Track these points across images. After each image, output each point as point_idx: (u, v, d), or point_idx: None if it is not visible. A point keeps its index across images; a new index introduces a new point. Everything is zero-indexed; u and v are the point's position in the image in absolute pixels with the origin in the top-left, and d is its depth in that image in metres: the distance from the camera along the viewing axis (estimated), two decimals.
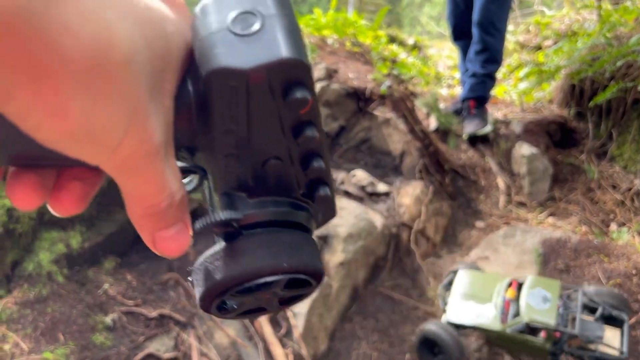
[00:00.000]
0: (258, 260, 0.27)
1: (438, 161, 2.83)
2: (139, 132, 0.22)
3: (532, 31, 5.16)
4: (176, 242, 0.26)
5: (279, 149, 0.27)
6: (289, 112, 0.25)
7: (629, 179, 2.80)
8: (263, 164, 0.27)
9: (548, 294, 1.77)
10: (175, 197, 0.25)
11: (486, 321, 1.84)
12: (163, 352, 1.69)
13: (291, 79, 0.24)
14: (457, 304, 1.93)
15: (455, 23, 3.08)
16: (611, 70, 2.81)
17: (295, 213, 0.29)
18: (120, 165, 0.23)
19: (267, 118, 0.25)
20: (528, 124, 3.04)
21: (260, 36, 0.24)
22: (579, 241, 2.38)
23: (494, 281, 1.95)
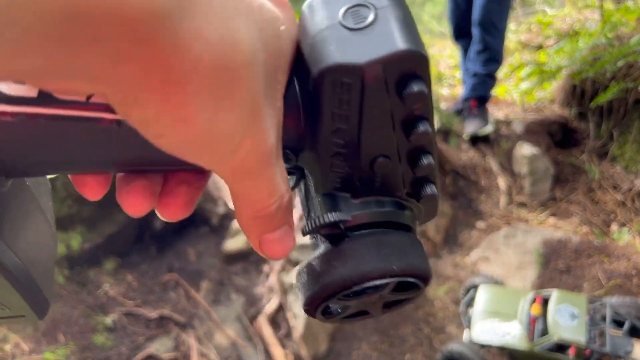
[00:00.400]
0: (367, 263, 0.26)
1: (439, 161, 2.83)
2: (256, 135, 0.22)
3: (533, 30, 5.15)
4: (282, 245, 0.26)
5: (388, 146, 0.26)
6: (403, 107, 0.24)
7: (629, 179, 2.79)
8: (371, 163, 0.26)
9: (575, 309, 1.72)
10: (284, 200, 0.25)
11: (513, 340, 1.78)
12: (163, 353, 1.69)
13: (408, 72, 0.23)
14: (481, 322, 1.87)
15: (456, 22, 3.08)
16: (612, 71, 2.80)
17: (400, 213, 0.28)
18: (235, 169, 0.22)
19: (380, 115, 0.24)
20: (529, 124, 3.04)
21: (374, 28, 0.23)
22: (579, 242, 2.38)
23: (517, 296, 1.89)
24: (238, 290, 1.97)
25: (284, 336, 1.87)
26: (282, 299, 1.93)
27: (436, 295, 2.26)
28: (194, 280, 1.98)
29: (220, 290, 1.97)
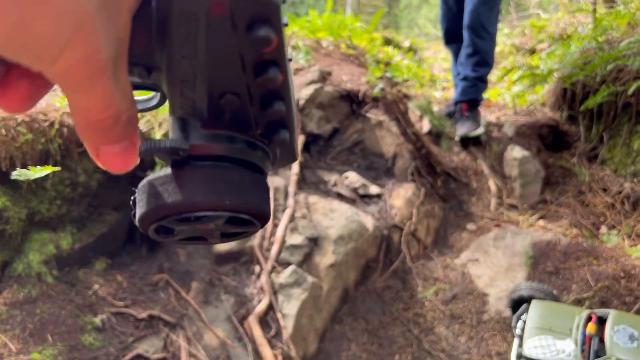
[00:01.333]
0: (200, 194, 0.26)
1: (430, 163, 2.84)
2: (83, 47, 0.21)
3: (527, 34, 5.18)
4: (120, 159, 0.26)
5: (237, 85, 0.26)
6: (252, 49, 0.24)
7: (619, 182, 2.81)
8: (219, 97, 0.26)
9: (635, 332, 1.69)
10: (123, 115, 0.25)
11: (566, 358, 1.76)
12: (152, 353, 1.69)
13: (256, 16, 0.23)
14: (534, 338, 1.84)
15: (448, 26, 3.10)
16: (602, 74, 2.83)
17: (248, 151, 0.28)
18: (62, 76, 0.22)
19: (227, 52, 0.25)
20: (520, 127, 3.06)
21: None
22: (568, 244, 2.40)
23: (572, 314, 1.86)
24: (228, 291, 1.98)
25: (273, 337, 1.88)
26: (272, 300, 1.94)
27: (426, 296, 2.27)
28: (184, 280, 1.98)
29: (210, 290, 1.98)
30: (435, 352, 2.09)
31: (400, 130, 2.88)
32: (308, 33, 3.47)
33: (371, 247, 2.37)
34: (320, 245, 2.21)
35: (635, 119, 2.79)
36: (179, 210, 0.27)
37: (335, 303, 2.16)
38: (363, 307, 2.21)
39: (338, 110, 2.95)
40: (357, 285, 2.29)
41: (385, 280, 2.33)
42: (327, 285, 2.11)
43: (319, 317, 2.05)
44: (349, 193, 2.64)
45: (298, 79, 2.93)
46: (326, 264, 2.14)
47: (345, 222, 2.30)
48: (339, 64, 3.24)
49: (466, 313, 2.21)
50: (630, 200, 2.75)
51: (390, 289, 2.31)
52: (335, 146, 2.95)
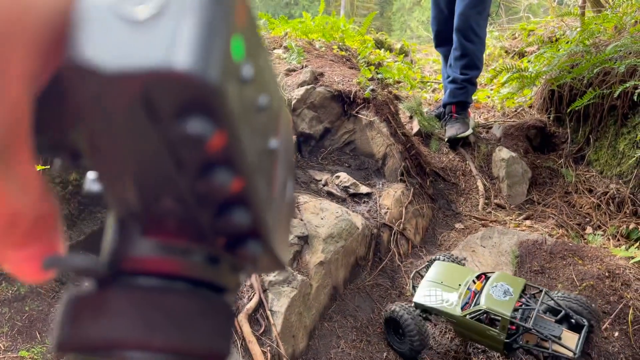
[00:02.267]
0: (123, 327, 0.20)
1: (419, 164, 2.88)
2: None
3: (517, 37, 5.24)
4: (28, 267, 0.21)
5: (174, 188, 0.19)
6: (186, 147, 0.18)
7: (605, 183, 2.86)
8: (155, 200, 0.20)
9: (510, 288, 1.84)
10: (24, 214, 0.20)
11: (449, 307, 1.92)
12: None
13: (188, 102, 0.17)
14: (425, 289, 2.02)
15: (438, 29, 3.14)
16: (589, 77, 2.87)
17: (208, 268, 0.22)
18: None
19: (147, 145, 0.18)
20: (508, 129, 3.10)
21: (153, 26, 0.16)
22: (554, 243, 2.44)
23: (465, 274, 2.03)
24: None
25: (262, 334, 1.89)
26: (261, 297, 1.96)
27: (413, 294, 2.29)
28: None
29: None
30: (423, 349, 2.11)
31: (391, 131, 2.91)
32: (301, 34, 3.49)
33: (361, 246, 2.40)
34: (311, 244, 2.23)
35: (621, 121, 2.84)
36: (96, 346, 0.20)
37: (325, 301, 2.18)
38: (352, 304, 2.24)
39: (329, 110, 2.98)
40: (347, 283, 2.32)
41: (374, 279, 2.36)
42: (316, 283, 2.13)
43: (308, 314, 2.07)
44: (340, 192, 2.66)
45: (290, 80, 2.95)
46: (316, 262, 2.17)
47: (335, 221, 2.32)
48: (331, 65, 3.27)
49: None
50: (615, 201, 2.79)
51: (379, 287, 2.34)
52: (327, 146, 2.97)
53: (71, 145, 0.21)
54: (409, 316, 1.94)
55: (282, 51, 3.27)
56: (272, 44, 3.38)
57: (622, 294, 2.23)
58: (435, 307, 1.94)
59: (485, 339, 1.84)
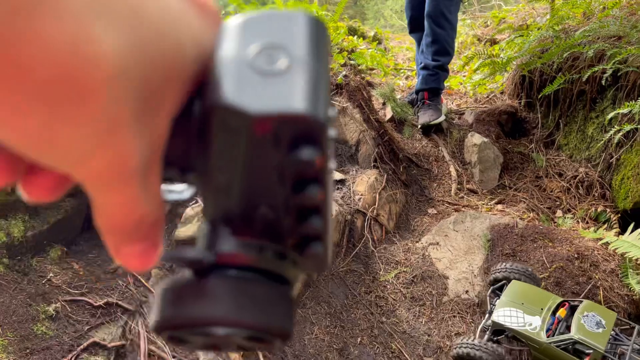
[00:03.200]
0: (219, 309, 0.25)
1: (393, 150, 2.87)
2: (113, 152, 0.20)
3: (489, 25, 5.27)
4: (140, 259, 0.25)
5: (272, 198, 0.25)
6: (292, 168, 0.23)
7: (574, 167, 2.90)
8: (254, 208, 0.25)
9: (603, 320, 1.75)
10: (147, 219, 0.24)
11: (532, 330, 1.82)
12: (109, 341, 1.66)
13: (301, 136, 0.22)
14: (505, 309, 1.91)
15: (412, 15, 3.12)
16: (558, 62, 2.90)
17: (277, 263, 0.27)
18: (88, 179, 0.21)
19: (265, 167, 0.24)
20: (480, 114, 3.12)
21: (281, 80, 0.22)
22: (525, 227, 2.46)
23: (546, 298, 1.93)
24: None
25: None
26: None
27: (387, 280, 2.30)
28: None
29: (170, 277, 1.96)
30: (397, 333, 2.12)
31: (364, 117, 2.89)
32: None
33: (334, 232, 2.38)
34: None
35: (590, 105, 2.88)
36: (196, 323, 0.25)
37: (298, 288, 2.16)
38: (326, 291, 2.23)
39: None
40: None
41: (348, 264, 2.35)
42: None
43: None
44: None
45: None
46: None
47: None
48: None
49: (426, 295, 2.25)
50: (584, 184, 2.84)
51: (353, 272, 2.33)
52: None
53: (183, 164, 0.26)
54: (486, 356, 1.81)
55: None
56: None
57: (591, 274, 2.27)
58: (517, 330, 1.83)
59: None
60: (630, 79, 2.59)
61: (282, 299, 0.27)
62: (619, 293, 2.24)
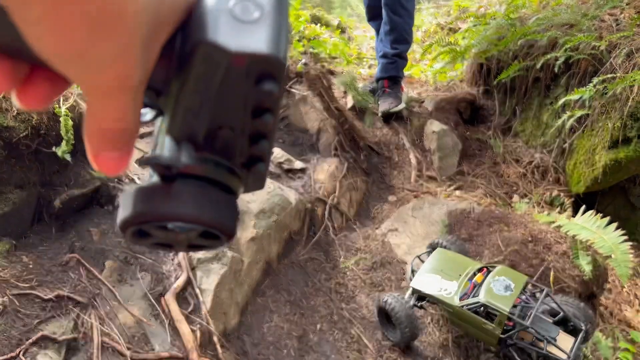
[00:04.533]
0: (184, 206, 0.30)
1: (353, 138, 2.88)
2: (124, 67, 0.25)
3: (452, 14, 5.32)
4: (115, 164, 0.30)
5: (235, 121, 0.30)
6: (255, 97, 0.29)
7: (530, 153, 2.97)
8: (217, 128, 0.30)
9: (512, 284, 1.79)
10: (130, 128, 0.29)
11: (447, 295, 1.86)
12: (60, 335, 1.63)
13: (266, 72, 0.28)
14: (424, 275, 1.96)
15: (369, 3, 3.13)
16: (514, 50, 2.95)
17: (228, 177, 0.32)
18: (97, 87, 0.26)
19: (235, 95, 0.29)
20: (440, 102, 3.15)
21: (254, 26, 0.27)
22: (481, 212, 2.51)
23: (467, 264, 1.98)
24: (144, 269, 1.93)
25: (191, 312, 1.85)
26: (190, 275, 1.91)
27: (347, 266, 2.31)
28: (98, 260, 1.91)
29: (125, 269, 1.92)
30: (356, 319, 2.14)
31: (324, 106, 2.89)
32: None
33: (294, 221, 2.38)
34: (242, 220, 2.19)
35: (544, 92, 2.94)
36: (164, 217, 0.30)
37: (257, 276, 2.16)
38: (286, 279, 2.23)
39: None
40: (281, 258, 2.30)
41: (308, 252, 2.36)
42: (248, 259, 2.10)
43: (240, 290, 2.04)
44: (274, 168, 2.63)
45: None
46: (247, 237, 2.13)
47: (267, 196, 2.29)
48: None
49: (386, 281, 2.27)
50: (539, 170, 2.91)
51: (313, 260, 2.34)
52: None
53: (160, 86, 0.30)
54: (400, 307, 1.89)
55: None
56: None
57: (544, 257, 2.33)
58: (433, 295, 1.88)
59: (480, 332, 1.80)
60: (582, 66, 2.66)
61: (232, 205, 0.32)
62: (570, 274, 2.31)
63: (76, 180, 2.02)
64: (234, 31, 0.27)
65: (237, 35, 0.27)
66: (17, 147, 1.79)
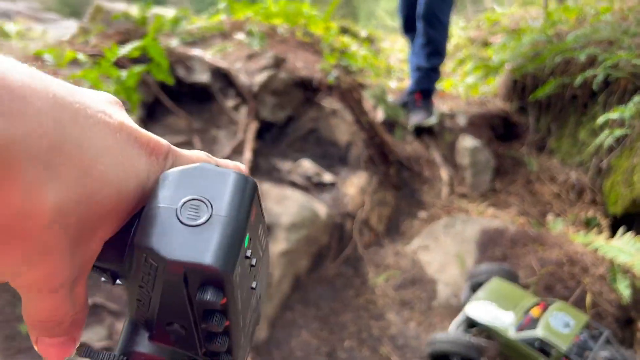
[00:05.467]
0: None
1: (383, 152, 2.86)
2: (44, 270, 0.24)
3: (482, 27, 5.27)
4: (56, 351, 0.29)
5: (184, 319, 0.28)
6: (200, 302, 0.27)
7: (565, 171, 2.90)
8: (167, 324, 0.29)
9: (572, 321, 1.73)
10: (68, 318, 0.28)
11: (501, 325, 1.81)
12: (95, 341, 1.64)
13: (207, 280, 0.26)
14: (479, 302, 1.91)
15: (406, 14, 3.11)
16: (551, 66, 2.90)
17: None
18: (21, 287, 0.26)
19: (179, 299, 0.27)
20: (472, 117, 3.11)
21: (199, 231, 0.26)
22: (516, 231, 2.46)
23: (523, 297, 1.92)
24: None
25: None
26: None
27: (376, 283, 2.28)
28: None
29: None
30: (385, 337, 2.10)
31: (355, 119, 2.87)
32: (263, 19, 3.41)
33: (323, 235, 2.36)
34: (273, 233, 2.18)
35: (581, 110, 2.88)
36: None
37: (287, 290, 2.14)
38: (314, 294, 2.21)
39: (292, 97, 2.92)
40: (309, 272, 2.28)
41: (337, 268, 2.33)
42: (278, 272, 2.09)
43: (269, 304, 2.03)
44: (303, 181, 2.62)
45: (252, 65, 2.88)
46: (278, 251, 2.12)
47: (297, 209, 2.28)
48: (294, 51, 3.20)
49: (416, 299, 2.23)
50: (575, 189, 2.84)
51: (341, 276, 2.31)
52: (289, 134, 2.92)
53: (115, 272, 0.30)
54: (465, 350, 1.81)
55: (244, 36, 3.19)
56: (233, 28, 3.28)
57: (581, 279, 2.27)
58: (487, 324, 1.83)
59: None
60: (621, 84, 2.60)
61: None
62: (607, 298, 2.24)
63: None
64: (176, 236, 0.26)
65: (178, 242, 0.26)
66: None
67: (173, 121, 2.55)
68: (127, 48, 1.90)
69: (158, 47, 1.98)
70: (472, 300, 1.93)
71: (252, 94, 2.77)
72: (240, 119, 2.71)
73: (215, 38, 3.09)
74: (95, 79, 1.85)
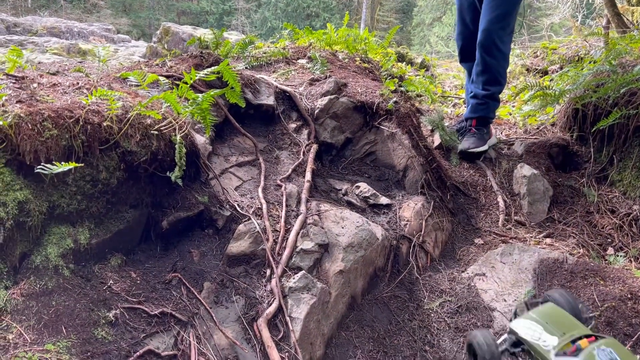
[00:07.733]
0: None
1: (440, 177, 2.88)
2: None
3: (539, 56, 5.23)
4: None
5: None
6: None
7: (628, 204, 2.83)
8: None
9: (618, 358, 1.73)
10: None
11: (543, 347, 1.80)
12: (162, 350, 1.72)
13: None
14: (526, 320, 1.92)
15: (463, 44, 3.15)
16: (614, 97, 2.86)
17: None
18: None
19: None
20: (530, 146, 3.09)
21: None
22: (575, 263, 2.41)
23: (574, 326, 1.91)
24: (239, 292, 2.01)
25: (281, 339, 1.90)
26: (281, 303, 1.97)
27: (432, 308, 2.29)
28: (196, 280, 2.01)
29: (221, 291, 2.01)
30: None
31: (412, 143, 2.92)
32: (324, 45, 3.53)
33: (380, 257, 2.40)
34: (331, 252, 2.24)
35: None
36: None
37: (343, 310, 2.18)
38: (369, 315, 2.24)
39: (352, 121, 2.99)
40: (365, 293, 2.32)
41: (392, 290, 2.36)
42: (335, 291, 2.13)
43: (326, 322, 2.07)
44: (360, 202, 2.67)
45: (314, 89, 2.98)
46: (335, 270, 2.17)
47: (355, 230, 2.33)
48: (354, 77, 3.29)
49: (471, 326, 2.22)
50: (638, 222, 2.77)
51: (397, 298, 2.33)
52: (347, 156, 2.99)
53: None
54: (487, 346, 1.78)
55: (306, 61, 3.30)
56: (297, 53, 3.41)
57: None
58: (529, 341, 1.78)
59: None
60: None
61: None
62: None
63: (182, 203, 2.15)
64: None
65: None
66: (137, 170, 1.94)
67: (239, 141, 2.67)
68: (204, 72, 2.02)
69: (232, 72, 2.10)
70: (520, 317, 1.91)
71: (313, 117, 2.87)
72: (302, 140, 2.80)
73: (279, 62, 3.22)
74: (174, 101, 1.98)
